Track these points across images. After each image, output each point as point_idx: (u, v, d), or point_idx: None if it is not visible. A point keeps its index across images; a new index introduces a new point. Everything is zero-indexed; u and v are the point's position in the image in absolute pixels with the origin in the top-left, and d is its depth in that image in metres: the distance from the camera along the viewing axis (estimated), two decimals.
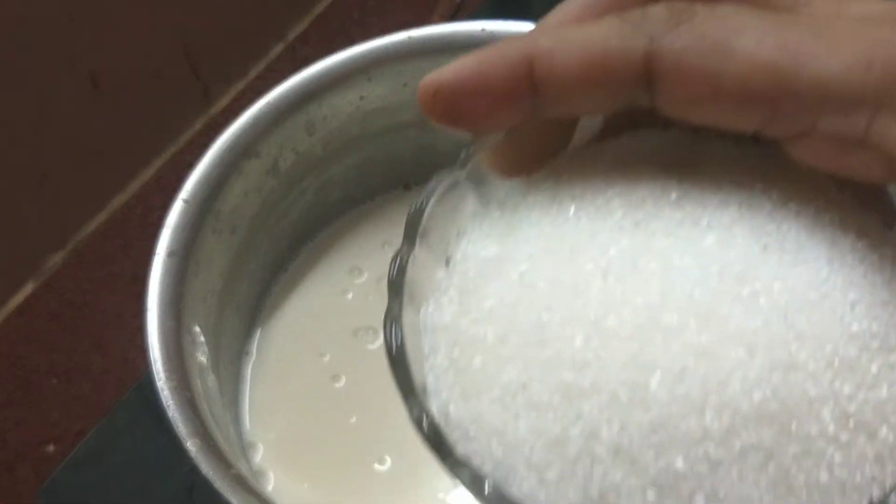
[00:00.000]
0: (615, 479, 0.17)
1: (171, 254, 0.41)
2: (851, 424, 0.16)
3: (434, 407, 0.19)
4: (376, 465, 0.44)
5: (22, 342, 0.57)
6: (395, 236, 0.50)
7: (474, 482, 0.18)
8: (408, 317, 0.20)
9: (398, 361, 0.19)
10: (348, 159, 0.49)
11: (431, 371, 0.19)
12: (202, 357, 0.40)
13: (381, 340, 0.47)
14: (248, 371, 0.47)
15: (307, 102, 0.46)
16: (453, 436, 0.18)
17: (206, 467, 0.35)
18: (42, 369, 0.55)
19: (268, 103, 0.45)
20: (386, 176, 0.52)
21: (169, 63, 0.61)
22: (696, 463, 0.16)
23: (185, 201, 0.42)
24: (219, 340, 0.43)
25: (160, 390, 0.37)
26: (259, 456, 0.44)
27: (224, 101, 0.65)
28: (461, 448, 0.18)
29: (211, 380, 0.41)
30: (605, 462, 0.17)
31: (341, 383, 0.46)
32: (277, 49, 0.68)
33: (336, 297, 0.49)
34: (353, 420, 0.45)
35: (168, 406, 0.37)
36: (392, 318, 0.20)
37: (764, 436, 0.16)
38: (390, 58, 0.46)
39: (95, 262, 0.59)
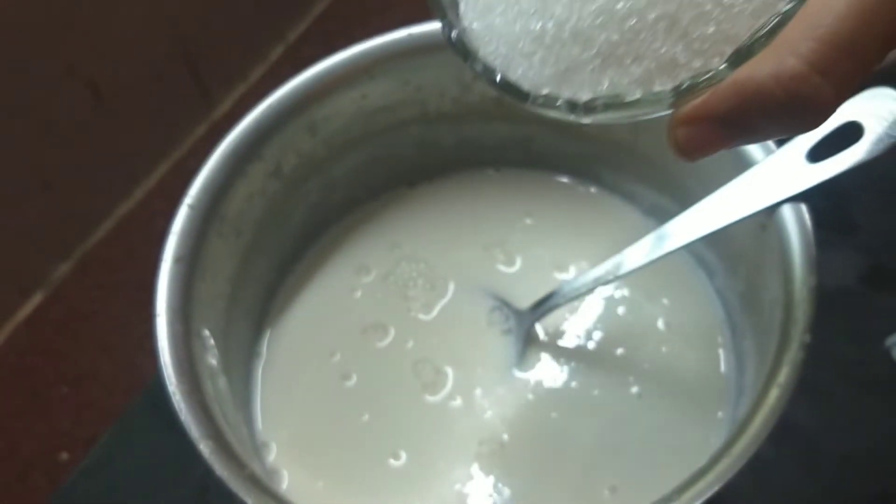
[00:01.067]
0: (574, 54, 0.24)
1: (178, 259, 0.41)
2: None
3: (463, 23, 0.26)
4: (391, 461, 0.44)
5: (31, 352, 0.57)
6: (401, 235, 0.51)
7: (487, 72, 0.26)
8: None
9: None
10: (351, 159, 0.50)
11: (464, 4, 0.26)
12: (212, 360, 0.41)
13: (390, 338, 0.48)
14: (259, 372, 0.47)
15: (309, 103, 0.46)
16: (475, 44, 0.26)
17: (221, 468, 0.35)
18: (52, 378, 0.55)
19: (269, 106, 0.45)
20: (389, 174, 0.52)
21: (169, 68, 0.61)
22: (624, 33, 0.24)
23: (191, 207, 0.42)
24: (228, 343, 0.43)
25: (172, 394, 0.37)
26: (272, 455, 0.44)
27: (226, 106, 0.65)
28: (481, 51, 0.26)
29: (222, 382, 0.41)
30: (567, 43, 0.24)
31: (352, 382, 0.46)
32: (278, 50, 0.68)
33: (344, 296, 0.49)
34: (366, 418, 0.45)
35: (180, 409, 0.37)
36: None
37: (668, 8, 0.23)
38: (392, 56, 0.46)
39: (102, 270, 0.59)
